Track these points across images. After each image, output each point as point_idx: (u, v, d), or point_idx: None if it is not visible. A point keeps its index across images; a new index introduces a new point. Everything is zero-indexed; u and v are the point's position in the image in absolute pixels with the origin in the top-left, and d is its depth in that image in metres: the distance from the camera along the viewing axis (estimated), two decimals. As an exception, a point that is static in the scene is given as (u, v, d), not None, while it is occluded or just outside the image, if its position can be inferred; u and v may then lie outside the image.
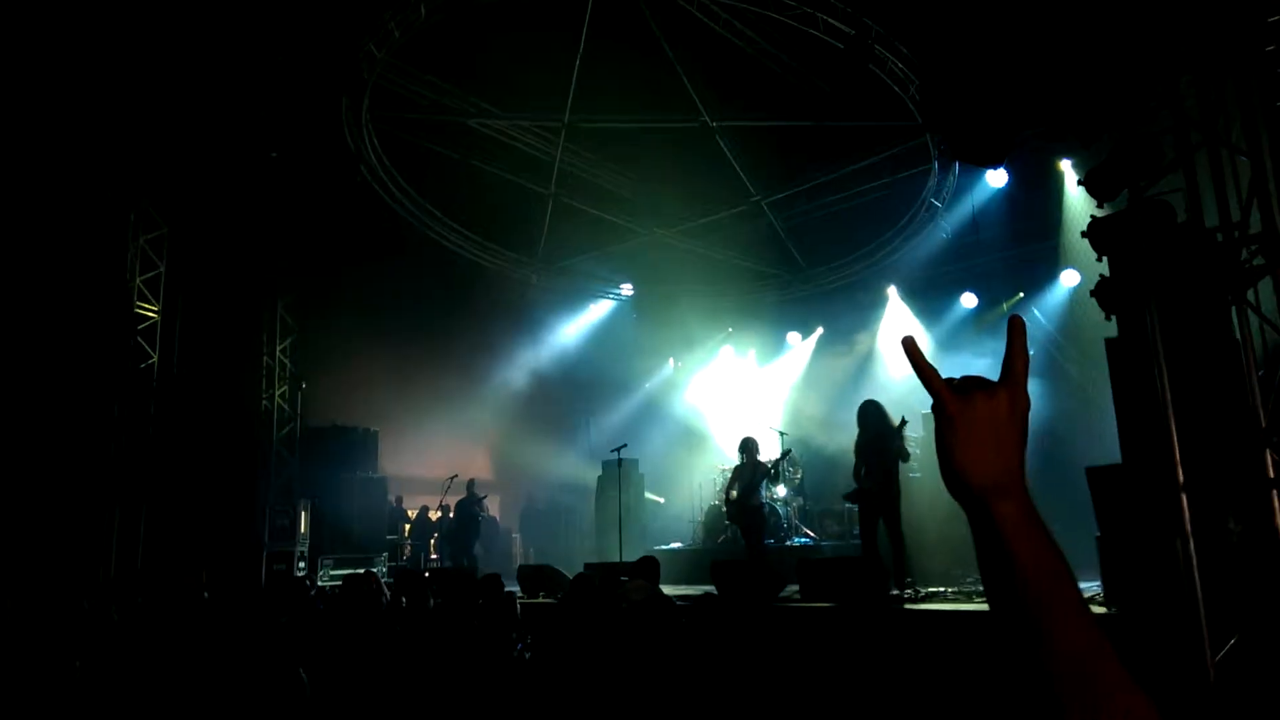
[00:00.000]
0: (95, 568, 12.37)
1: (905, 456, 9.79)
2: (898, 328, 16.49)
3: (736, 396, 19.26)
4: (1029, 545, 0.96)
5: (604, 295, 19.45)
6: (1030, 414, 1.06)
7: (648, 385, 20.83)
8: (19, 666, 3.33)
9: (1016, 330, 1.08)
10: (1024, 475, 1.02)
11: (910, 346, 1.09)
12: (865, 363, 16.83)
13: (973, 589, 9.35)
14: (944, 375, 1.06)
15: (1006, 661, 0.96)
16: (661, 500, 17.78)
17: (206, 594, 6.50)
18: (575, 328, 19.86)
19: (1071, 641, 0.91)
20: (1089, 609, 0.94)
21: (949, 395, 1.05)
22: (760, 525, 11.64)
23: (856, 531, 11.49)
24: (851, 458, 10.18)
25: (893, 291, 16.49)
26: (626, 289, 19.28)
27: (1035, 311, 14.24)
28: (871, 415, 10.01)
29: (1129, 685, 0.89)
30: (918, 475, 12.61)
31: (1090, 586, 7.29)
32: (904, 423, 9.79)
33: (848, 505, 10.83)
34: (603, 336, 19.96)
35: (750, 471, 11.78)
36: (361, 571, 9.18)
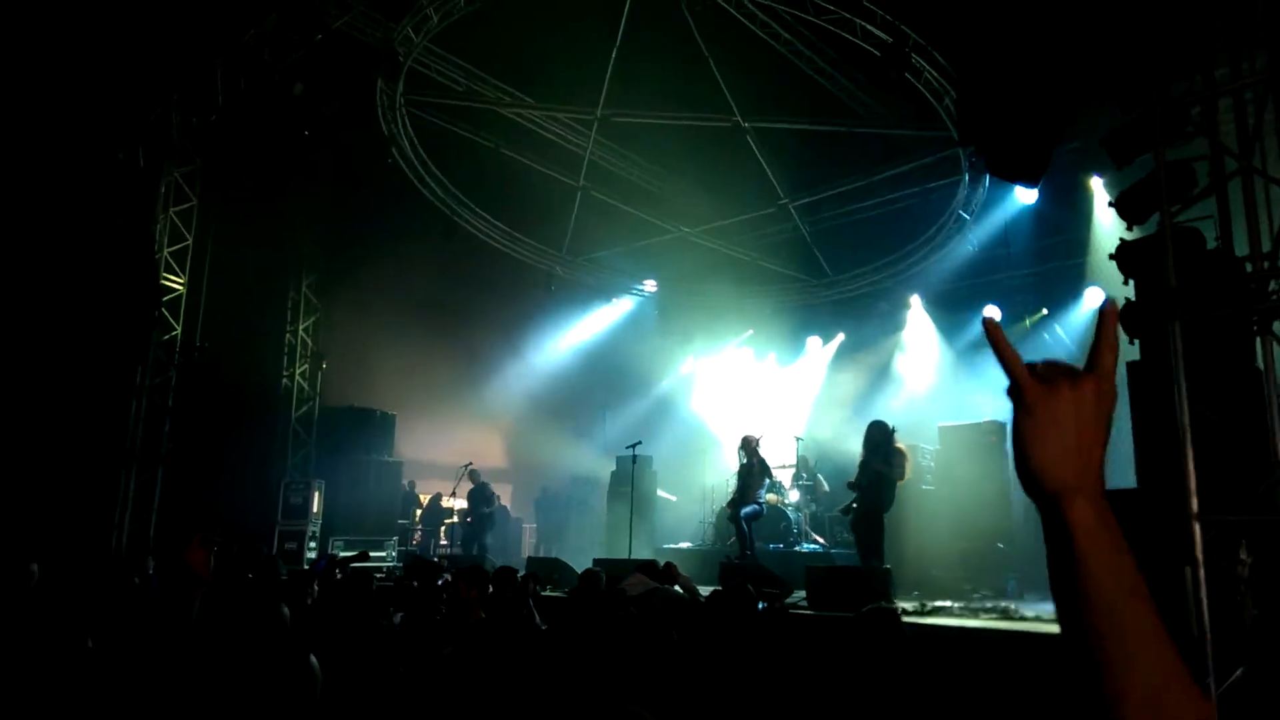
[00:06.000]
0: (107, 534, 12.50)
1: (890, 472, 9.93)
2: (919, 339, 16.43)
3: (754, 399, 19.22)
4: (1105, 555, 0.88)
5: (627, 291, 19.45)
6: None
7: (666, 383, 20.81)
8: (32, 642, 3.34)
9: (1108, 318, 0.99)
10: (1103, 478, 0.94)
11: (991, 327, 0.99)
12: (886, 372, 16.76)
13: (979, 605, 9.31)
14: (1012, 377, 0.98)
15: (1070, 684, 0.88)
16: (674, 499, 17.77)
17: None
18: (597, 322, 19.89)
19: (1147, 668, 0.83)
20: (1167, 634, 0.86)
21: (1029, 383, 0.95)
22: (743, 532, 11.62)
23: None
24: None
25: (916, 302, 16.40)
26: (650, 285, 19.27)
27: (1058, 329, 14.14)
28: (871, 434, 10.31)
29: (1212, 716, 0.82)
30: (930, 488, 12.58)
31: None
32: (893, 431, 10.05)
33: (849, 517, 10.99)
34: (624, 332, 19.97)
35: (746, 471, 11.83)
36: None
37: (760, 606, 6.64)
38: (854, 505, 10.22)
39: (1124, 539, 0.91)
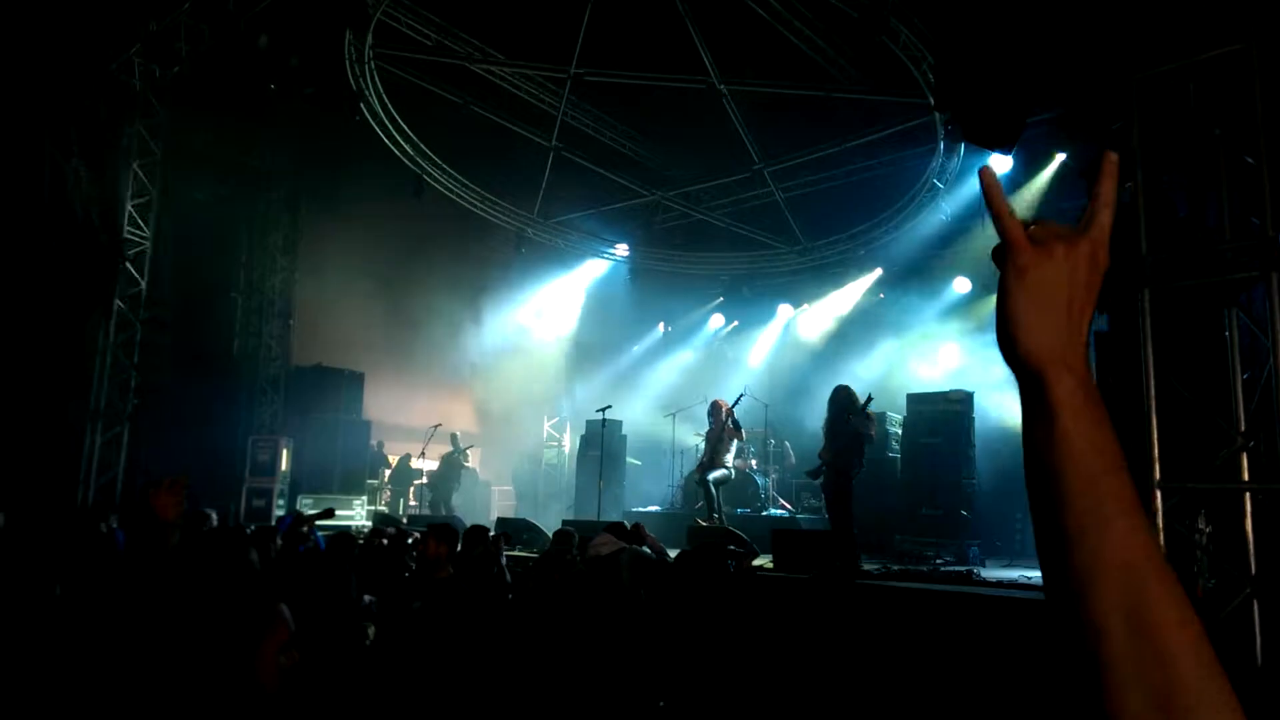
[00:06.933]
0: (73, 491, 12.34)
1: (863, 435, 9.96)
2: (883, 307, 16.54)
3: (723, 365, 19.28)
4: (1089, 431, 0.83)
5: (599, 254, 19.35)
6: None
7: (636, 348, 20.79)
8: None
9: (1108, 170, 0.91)
10: (1088, 350, 0.88)
11: (986, 175, 0.91)
12: (852, 341, 16.85)
13: (942, 570, 9.42)
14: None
15: (1043, 567, 0.83)
16: (640, 464, 17.82)
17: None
18: (567, 285, 19.79)
19: (1123, 537, 0.79)
20: (1142, 510, 0.82)
21: (1023, 243, 0.88)
22: (710, 496, 11.69)
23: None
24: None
25: (882, 272, 16.49)
26: (622, 249, 19.17)
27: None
28: (838, 396, 10.31)
29: (1185, 604, 0.78)
30: (896, 455, 12.70)
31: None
32: (869, 399, 10.04)
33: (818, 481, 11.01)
34: (594, 296, 19.89)
35: (716, 437, 11.88)
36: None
37: (730, 565, 6.69)
38: (822, 468, 10.25)
39: (1107, 414, 0.86)
